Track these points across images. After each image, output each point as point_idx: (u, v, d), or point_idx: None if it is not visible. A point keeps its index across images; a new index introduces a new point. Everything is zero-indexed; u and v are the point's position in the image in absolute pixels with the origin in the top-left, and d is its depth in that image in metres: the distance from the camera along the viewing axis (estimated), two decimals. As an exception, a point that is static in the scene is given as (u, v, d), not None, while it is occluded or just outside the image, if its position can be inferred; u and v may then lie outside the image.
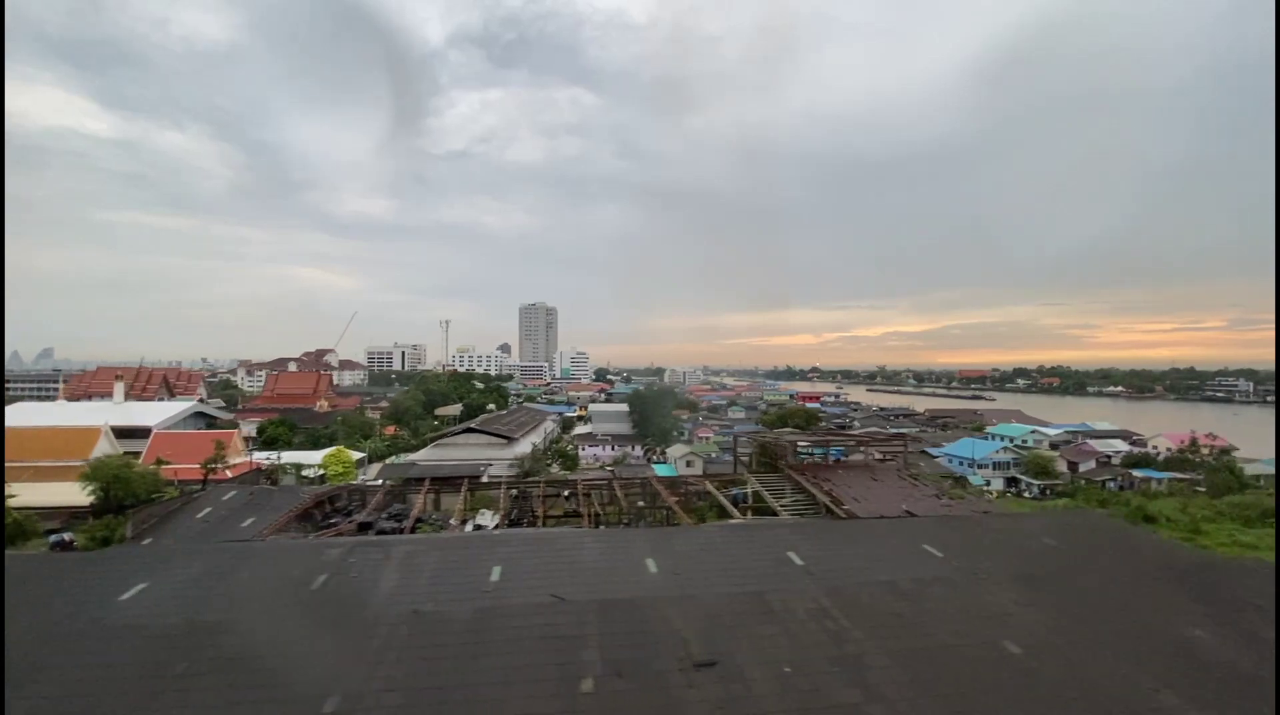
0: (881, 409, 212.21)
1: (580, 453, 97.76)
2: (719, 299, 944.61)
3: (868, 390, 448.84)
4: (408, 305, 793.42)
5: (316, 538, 41.12)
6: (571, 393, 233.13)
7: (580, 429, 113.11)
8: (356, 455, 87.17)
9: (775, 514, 52.77)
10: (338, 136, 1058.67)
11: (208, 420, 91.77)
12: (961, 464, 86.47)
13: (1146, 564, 31.58)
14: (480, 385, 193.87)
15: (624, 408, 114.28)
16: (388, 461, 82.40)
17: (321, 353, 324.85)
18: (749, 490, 58.32)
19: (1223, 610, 26.72)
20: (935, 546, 34.04)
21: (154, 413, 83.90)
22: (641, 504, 60.11)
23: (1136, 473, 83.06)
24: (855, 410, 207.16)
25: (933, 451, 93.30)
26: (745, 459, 71.28)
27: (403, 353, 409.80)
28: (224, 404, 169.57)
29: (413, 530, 47.45)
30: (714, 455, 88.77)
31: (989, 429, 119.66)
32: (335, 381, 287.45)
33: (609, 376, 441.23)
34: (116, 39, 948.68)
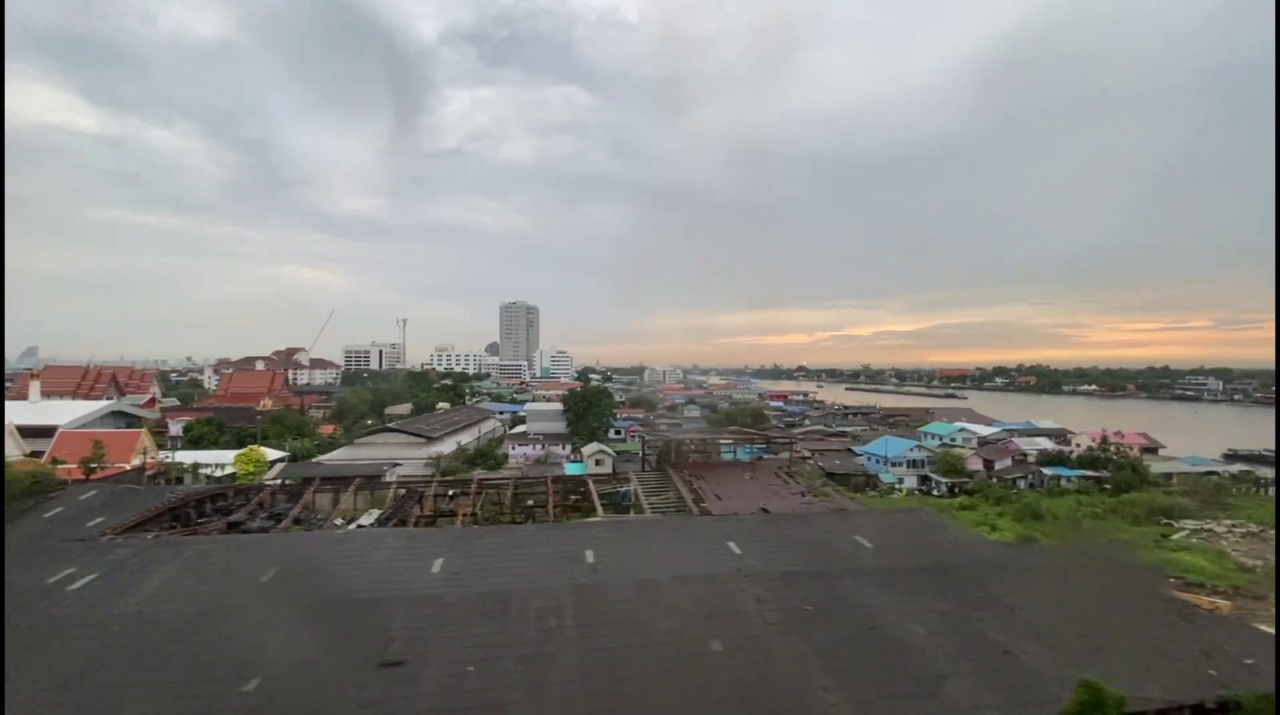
0: (844, 407, 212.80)
1: (510, 452, 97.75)
2: (714, 298, 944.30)
3: (846, 388, 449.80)
4: (401, 305, 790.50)
5: (166, 536, 40.93)
6: (539, 392, 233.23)
7: (518, 428, 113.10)
8: (277, 454, 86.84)
9: (643, 511, 53.10)
10: (330, 134, 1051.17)
11: (128, 419, 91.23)
12: (878, 462, 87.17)
13: (931, 561, 31.79)
14: (441, 384, 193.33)
15: (559, 407, 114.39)
16: (294, 461, 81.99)
17: (292, 351, 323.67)
18: (632, 488, 58.49)
19: (962, 606, 27.04)
20: (741, 543, 34.39)
21: (66, 412, 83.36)
22: (530, 502, 60.24)
23: (1047, 471, 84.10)
24: (816, 408, 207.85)
25: (856, 450, 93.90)
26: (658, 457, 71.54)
27: (380, 351, 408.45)
28: (179, 403, 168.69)
29: (286, 529, 47.74)
30: (638, 453, 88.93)
31: (923, 427, 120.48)
32: (306, 381, 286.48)
33: (591, 375, 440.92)
34: (104, 35, 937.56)
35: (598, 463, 75.67)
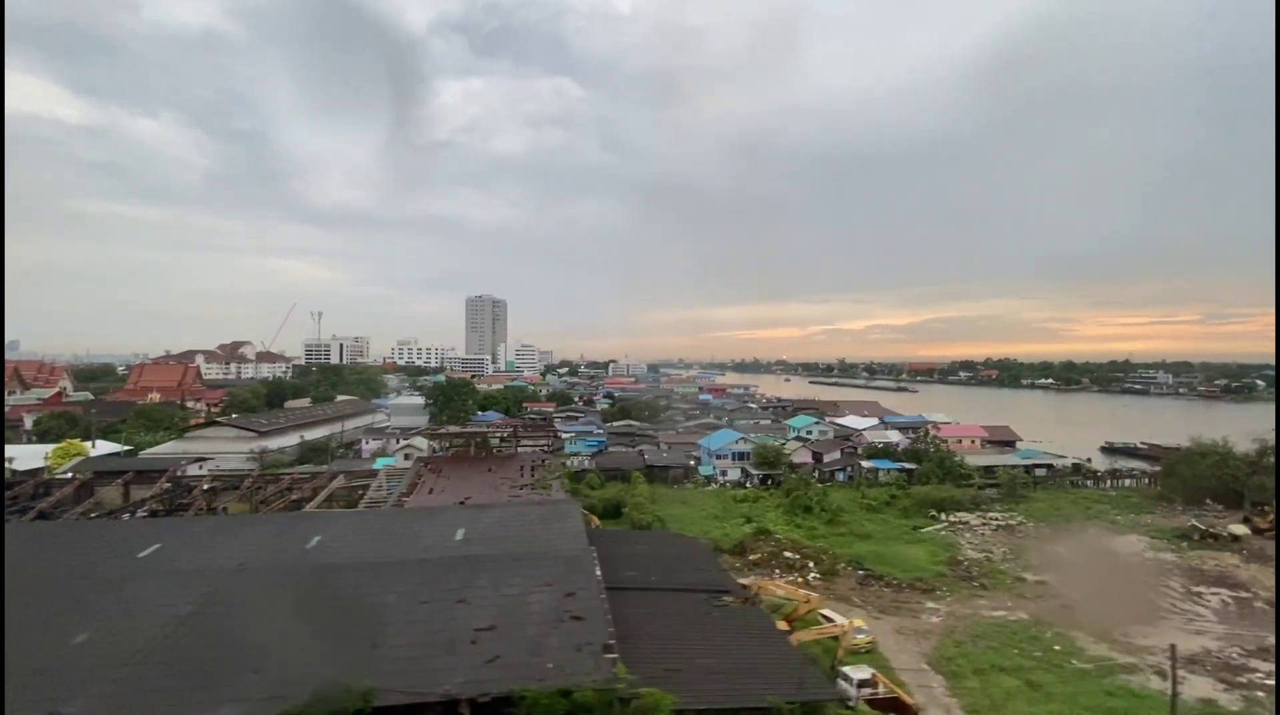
0: (780, 401, 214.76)
1: (363, 447, 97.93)
2: (707, 293, 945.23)
3: (810, 381, 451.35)
4: (388, 299, 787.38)
5: None
6: (482, 386, 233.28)
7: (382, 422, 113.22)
8: (114, 448, 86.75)
9: (379, 505, 53.43)
10: (318, 126, 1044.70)
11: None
12: (708, 454, 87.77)
13: (481, 552, 31.98)
14: (356, 378, 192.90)
15: (420, 401, 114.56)
16: (130, 455, 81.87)
17: (238, 345, 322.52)
18: (379, 481, 58.73)
19: (410, 598, 27.36)
20: (336, 535, 35.07)
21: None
22: (296, 496, 60.59)
23: (866, 464, 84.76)
24: (748, 403, 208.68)
25: (700, 443, 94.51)
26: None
27: (341, 345, 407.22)
28: (91, 396, 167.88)
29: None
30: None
31: (788, 421, 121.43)
32: (252, 374, 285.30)
33: (560, 370, 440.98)
34: (86, 23, 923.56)
35: (406, 456, 75.74)
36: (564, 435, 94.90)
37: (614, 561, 36.66)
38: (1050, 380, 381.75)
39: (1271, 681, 32.44)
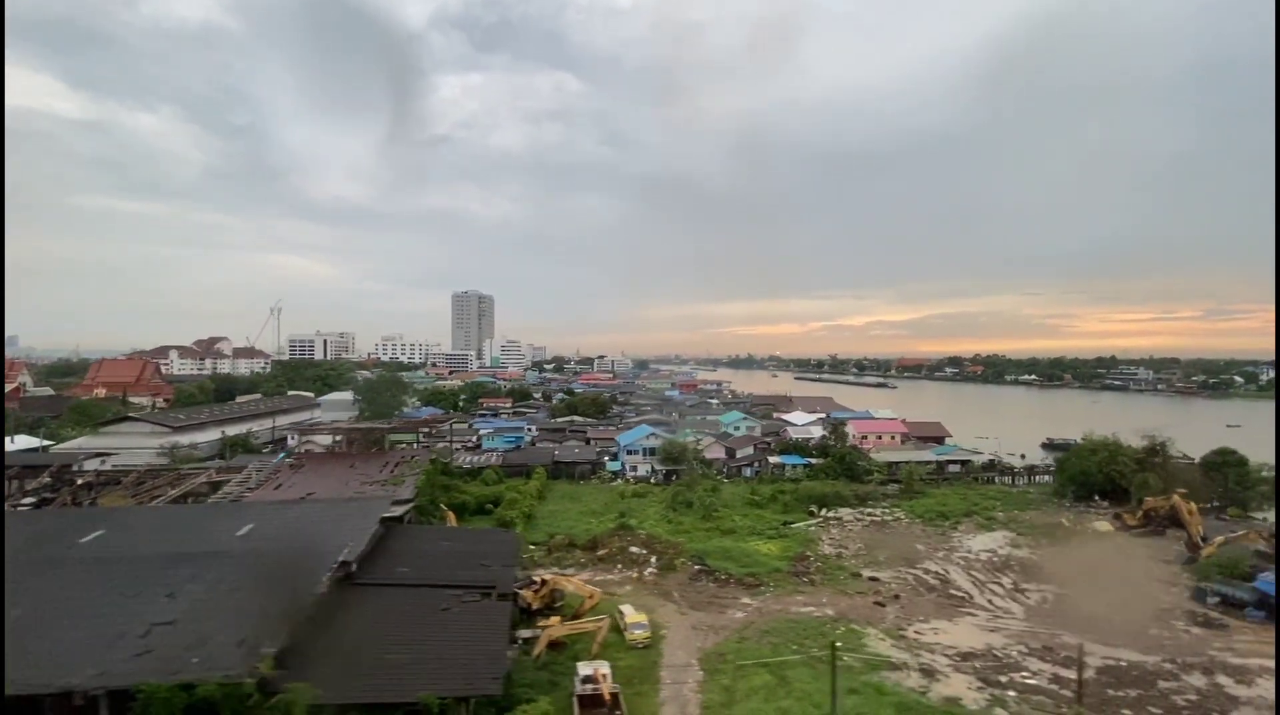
0: (750, 396, 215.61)
1: (290, 440, 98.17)
2: (707, 289, 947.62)
3: (795, 377, 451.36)
4: (388, 295, 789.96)
5: None
6: (439, 382, 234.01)
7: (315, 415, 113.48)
8: (35, 443, 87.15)
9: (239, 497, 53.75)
10: (316, 121, 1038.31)
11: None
12: (621, 450, 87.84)
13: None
14: (314, 373, 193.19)
15: (350, 397, 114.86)
16: (40, 450, 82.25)
17: (214, 341, 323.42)
18: (248, 473, 58.93)
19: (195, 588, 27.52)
20: (118, 529, 35.49)
21: None
22: (174, 491, 60.84)
23: (773, 459, 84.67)
24: (708, 399, 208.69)
25: (618, 438, 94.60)
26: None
27: (324, 341, 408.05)
28: (51, 392, 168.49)
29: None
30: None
31: (719, 417, 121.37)
32: (229, 370, 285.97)
33: (547, 365, 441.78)
34: (84, 18, 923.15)
35: (306, 452, 76.00)
36: (482, 432, 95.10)
37: (401, 557, 36.90)
38: (1034, 376, 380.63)
39: (1034, 681, 32.35)
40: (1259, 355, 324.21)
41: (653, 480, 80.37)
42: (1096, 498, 68.25)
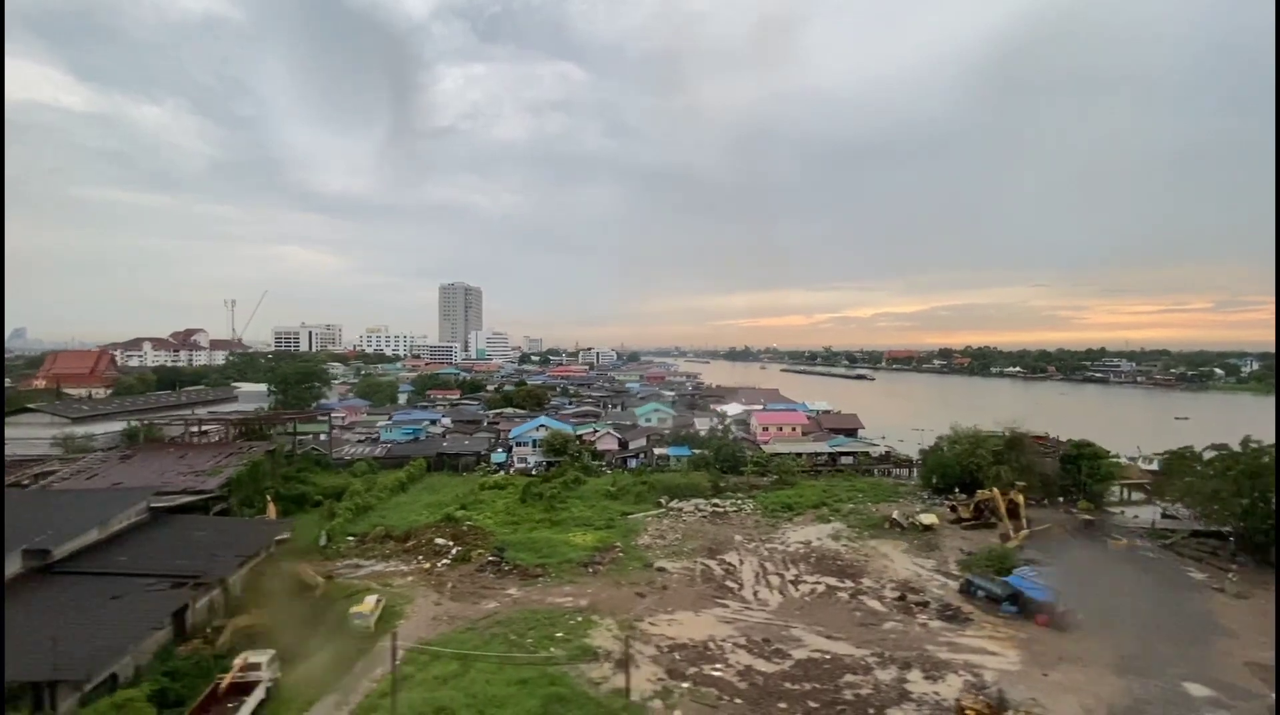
0: (718, 388, 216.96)
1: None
2: (712, 281, 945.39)
3: (781, 369, 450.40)
4: (391, 287, 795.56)
5: None
6: (404, 374, 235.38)
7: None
8: None
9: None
10: (321, 112, 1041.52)
11: None
12: (513, 442, 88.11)
13: None
14: (270, 366, 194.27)
15: (264, 388, 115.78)
16: None
17: (190, 332, 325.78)
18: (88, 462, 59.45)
19: None
20: None
21: None
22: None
23: (659, 451, 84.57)
24: (669, 391, 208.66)
25: (512, 432, 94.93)
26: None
27: (310, 333, 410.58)
28: (10, 383, 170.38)
29: None
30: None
31: (635, 409, 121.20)
32: (205, 362, 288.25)
33: (534, 357, 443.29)
34: (89, 9, 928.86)
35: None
36: (378, 424, 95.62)
37: (140, 547, 37.17)
38: (1018, 369, 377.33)
39: (720, 674, 32.20)
40: (1271, 347, 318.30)
41: (534, 471, 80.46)
42: (956, 490, 67.62)
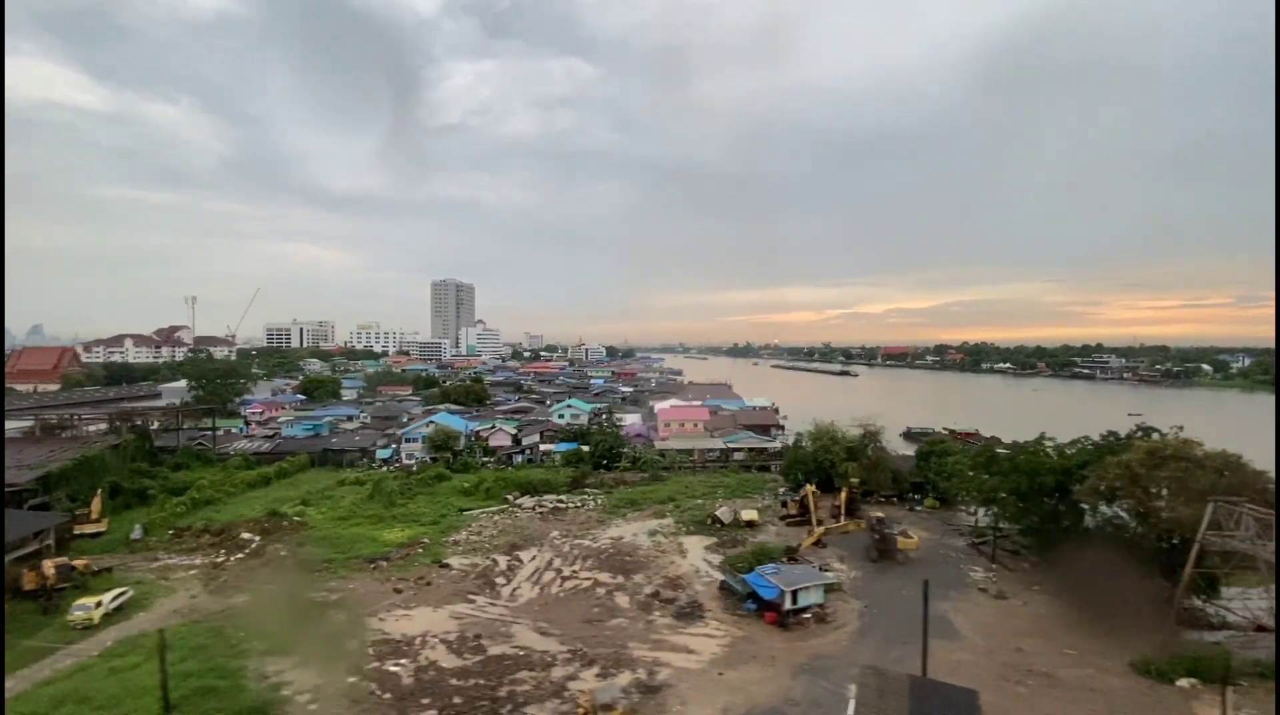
0: (689, 383, 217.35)
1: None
2: (720, 277, 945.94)
3: (773, 366, 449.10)
4: (400, 282, 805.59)
5: None
6: (367, 372, 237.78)
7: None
8: None
9: None
10: (331, 109, 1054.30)
11: None
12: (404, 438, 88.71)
13: None
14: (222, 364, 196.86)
15: (184, 384, 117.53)
16: None
17: (174, 329, 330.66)
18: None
19: None
20: None
21: None
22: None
23: (543, 447, 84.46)
24: (617, 387, 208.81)
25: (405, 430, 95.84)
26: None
27: (301, 330, 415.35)
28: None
29: None
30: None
31: (553, 407, 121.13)
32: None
33: (524, 353, 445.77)
34: (104, 10, 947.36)
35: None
36: (279, 420, 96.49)
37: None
38: (1008, 365, 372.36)
39: (396, 670, 32.14)
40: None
41: (414, 467, 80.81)
42: (810, 486, 66.80)
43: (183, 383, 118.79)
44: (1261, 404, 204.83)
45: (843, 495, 55.69)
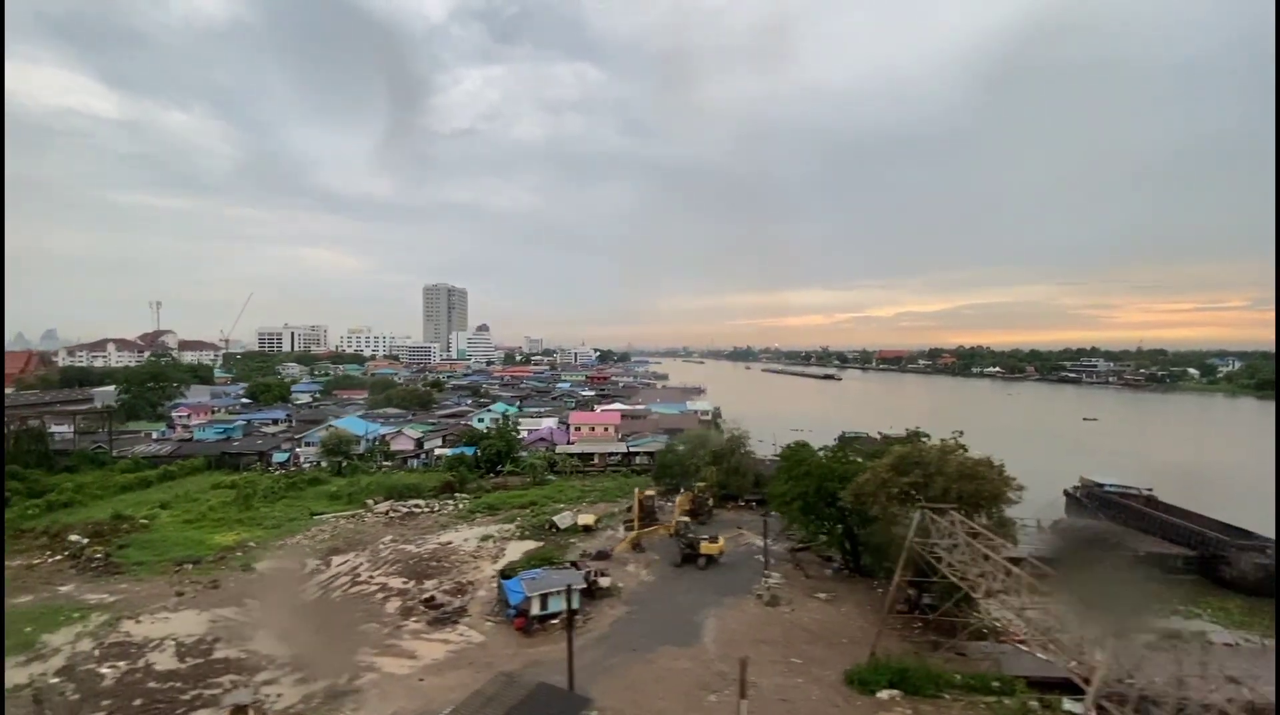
0: (663, 387, 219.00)
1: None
2: (727, 281, 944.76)
3: (763, 370, 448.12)
4: (406, 286, 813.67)
5: None
6: (349, 375, 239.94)
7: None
8: None
9: None
10: (344, 115, 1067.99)
11: None
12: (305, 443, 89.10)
13: None
14: (190, 366, 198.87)
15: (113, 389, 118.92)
16: None
17: (159, 333, 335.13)
18: None
19: None
20: None
21: None
22: None
23: (438, 451, 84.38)
24: (571, 390, 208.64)
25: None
26: None
27: (293, 334, 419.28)
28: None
29: None
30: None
31: (485, 411, 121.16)
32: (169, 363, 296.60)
33: (517, 356, 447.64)
34: (117, 17, 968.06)
35: None
36: (192, 423, 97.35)
37: None
38: (997, 368, 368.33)
39: (106, 671, 32.10)
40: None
41: (307, 470, 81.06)
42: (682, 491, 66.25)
43: (112, 388, 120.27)
44: (1236, 408, 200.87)
45: (679, 498, 55.01)
